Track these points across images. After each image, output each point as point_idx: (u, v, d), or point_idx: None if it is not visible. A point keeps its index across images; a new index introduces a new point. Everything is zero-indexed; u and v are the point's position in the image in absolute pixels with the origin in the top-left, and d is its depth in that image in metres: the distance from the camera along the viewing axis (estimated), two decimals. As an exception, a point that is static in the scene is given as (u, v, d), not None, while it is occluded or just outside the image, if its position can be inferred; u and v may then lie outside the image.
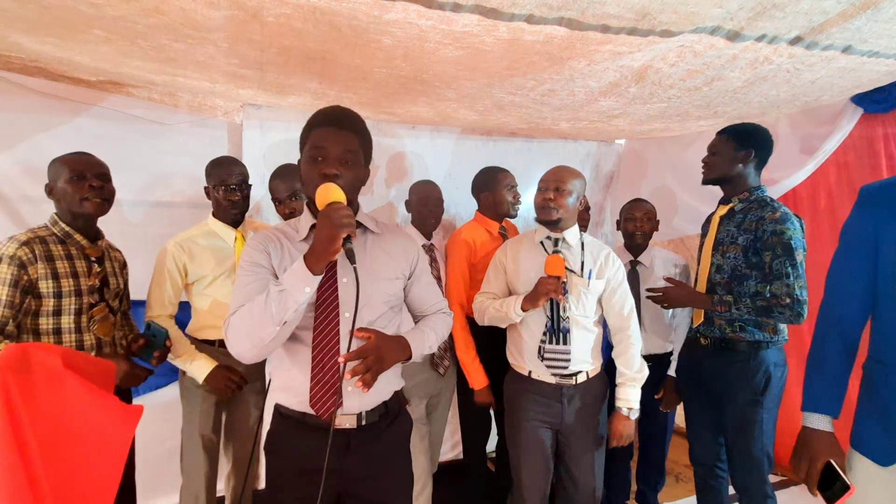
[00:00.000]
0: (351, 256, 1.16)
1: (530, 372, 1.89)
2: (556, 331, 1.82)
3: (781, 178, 2.56)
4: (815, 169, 2.50)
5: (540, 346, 1.83)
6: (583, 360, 1.85)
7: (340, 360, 1.23)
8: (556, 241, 1.88)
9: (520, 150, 3.13)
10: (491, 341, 2.16)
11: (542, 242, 1.91)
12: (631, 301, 1.91)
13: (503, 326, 1.95)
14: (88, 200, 1.62)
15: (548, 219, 1.85)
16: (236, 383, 1.93)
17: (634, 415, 1.84)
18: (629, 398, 1.84)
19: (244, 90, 2.12)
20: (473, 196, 2.46)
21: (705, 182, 2.05)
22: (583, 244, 1.91)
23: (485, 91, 1.97)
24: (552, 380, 1.85)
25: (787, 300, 1.73)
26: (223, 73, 1.84)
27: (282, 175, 2.12)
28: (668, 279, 2.08)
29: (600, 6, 1.24)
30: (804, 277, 1.76)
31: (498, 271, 1.98)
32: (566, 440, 1.89)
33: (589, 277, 1.85)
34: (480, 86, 1.90)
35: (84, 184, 1.62)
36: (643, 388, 2.26)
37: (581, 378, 1.86)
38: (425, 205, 2.34)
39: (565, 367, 1.83)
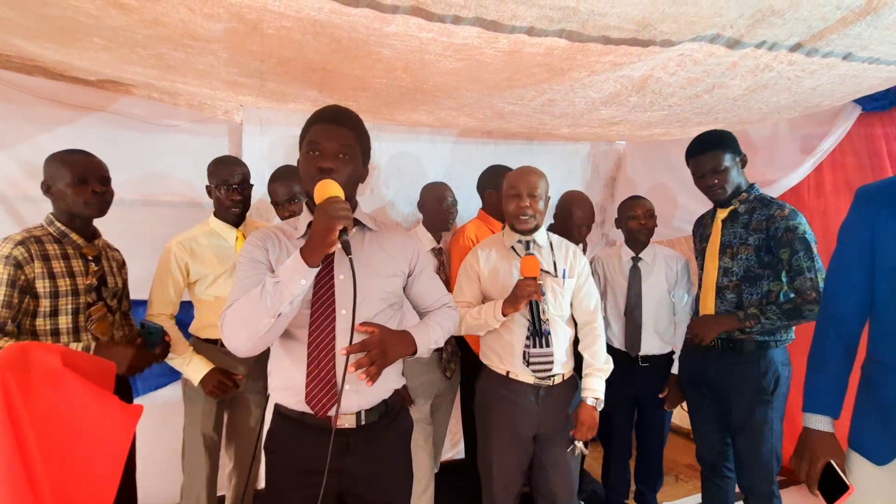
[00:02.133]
0: (347, 248, 1.14)
1: (508, 372, 1.86)
2: (539, 334, 1.81)
3: (780, 177, 2.55)
4: (814, 168, 2.48)
5: (524, 352, 1.82)
6: (560, 361, 1.85)
7: (342, 352, 1.20)
8: (527, 245, 1.87)
9: (520, 150, 3.13)
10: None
11: (513, 247, 1.89)
12: (597, 295, 1.93)
13: (481, 334, 1.90)
14: (91, 205, 1.61)
15: (526, 229, 1.84)
16: (229, 386, 1.93)
17: (600, 405, 1.84)
18: (595, 388, 1.83)
19: (244, 97, 2.11)
20: (478, 193, 2.44)
21: (722, 201, 1.98)
22: (551, 244, 1.91)
23: (485, 101, 1.97)
24: (531, 380, 1.83)
25: (813, 294, 1.72)
26: (223, 81, 1.84)
27: (280, 178, 2.10)
28: (689, 326, 2.05)
29: (601, 18, 1.23)
30: (824, 269, 1.74)
31: (470, 279, 1.93)
32: (542, 442, 1.88)
33: (564, 276, 1.85)
34: (480, 96, 1.89)
35: (87, 188, 1.60)
36: (643, 387, 2.29)
37: (557, 380, 1.86)
38: (438, 206, 2.32)
39: (549, 370, 1.82)
